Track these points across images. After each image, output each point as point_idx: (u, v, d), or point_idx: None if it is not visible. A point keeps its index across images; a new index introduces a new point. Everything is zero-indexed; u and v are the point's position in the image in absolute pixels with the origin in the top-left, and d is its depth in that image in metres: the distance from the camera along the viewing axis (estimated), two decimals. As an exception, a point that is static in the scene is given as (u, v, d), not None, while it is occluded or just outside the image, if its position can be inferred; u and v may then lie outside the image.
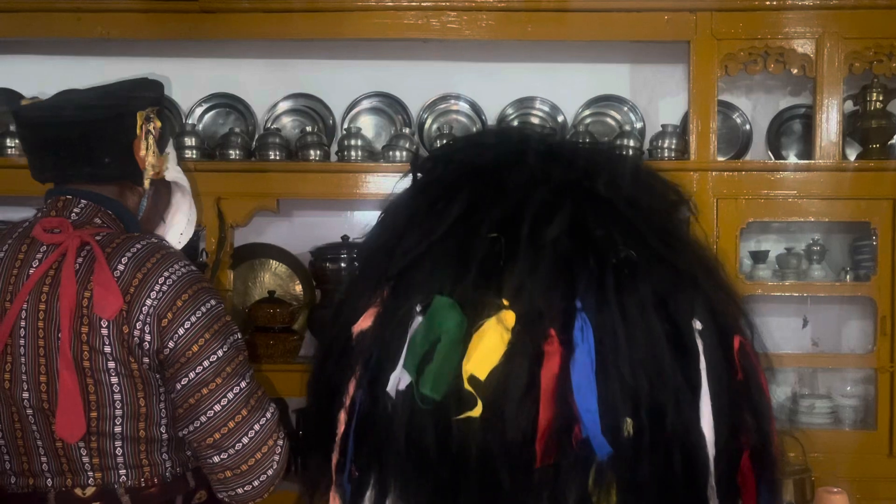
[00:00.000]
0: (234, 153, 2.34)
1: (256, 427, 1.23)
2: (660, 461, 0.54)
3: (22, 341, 1.23)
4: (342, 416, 0.59)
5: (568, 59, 2.54)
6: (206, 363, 1.22)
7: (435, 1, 2.26)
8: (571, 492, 0.53)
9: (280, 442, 1.25)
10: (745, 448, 0.58)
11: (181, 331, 1.22)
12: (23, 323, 1.23)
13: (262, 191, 2.31)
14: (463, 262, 0.57)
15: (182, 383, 1.22)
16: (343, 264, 2.36)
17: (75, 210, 1.32)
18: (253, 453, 1.22)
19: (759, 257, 2.42)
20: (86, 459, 1.24)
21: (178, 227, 1.47)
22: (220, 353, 1.23)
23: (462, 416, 0.53)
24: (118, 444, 1.24)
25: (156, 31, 2.32)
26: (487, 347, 0.54)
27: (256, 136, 2.45)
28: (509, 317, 0.54)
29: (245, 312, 2.40)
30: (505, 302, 0.55)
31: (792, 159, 2.47)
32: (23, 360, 1.23)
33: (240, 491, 1.23)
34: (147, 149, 1.34)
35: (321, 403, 0.63)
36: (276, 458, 1.24)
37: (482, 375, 0.53)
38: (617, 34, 2.30)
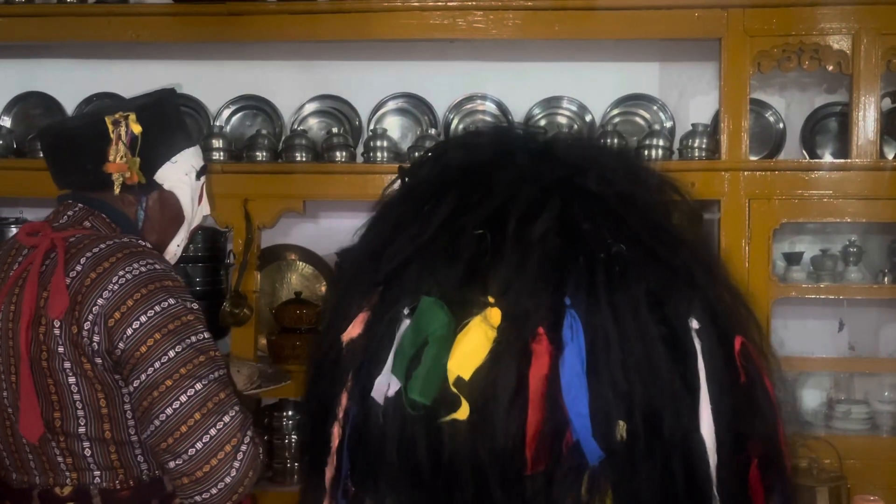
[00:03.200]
0: (260, 155, 2.35)
1: (212, 431, 1.17)
2: (657, 469, 0.52)
3: (0, 342, 1.26)
4: (335, 430, 0.58)
5: (596, 58, 2.51)
6: (157, 364, 1.17)
7: (461, 0, 2.24)
8: (565, 500, 0.51)
9: (243, 448, 1.18)
10: (752, 457, 0.56)
11: (129, 331, 1.19)
12: None
13: (288, 192, 2.31)
14: (450, 263, 0.55)
15: (135, 385, 1.19)
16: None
17: (69, 213, 1.34)
18: (208, 459, 1.16)
19: (792, 259, 2.37)
20: (60, 459, 1.25)
21: (177, 239, 1.44)
22: (171, 353, 1.18)
23: (448, 419, 0.52)
24: (86, 444, 1.23)
25: (184, 33, 2.34)
26: (471, 345, 0.52)
27: (283, 138, 2.46)
28: (495, 314, 0.53)
29: (272, 313, 2.41)
30: (491, 300, 0.53)
31: (827, 158, 2.41)
32: (0, 360, 1.26)
33: (198, 499, 1.17)
34: (115, 153, 1.32)
35: (316, 419, 0.61)
36: (237, 464, 1.17)
37: (466, 375, 0.52)
38: (646, 32, 2.27)
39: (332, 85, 2.57)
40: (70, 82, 2.54)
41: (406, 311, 0.55)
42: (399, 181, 0.66)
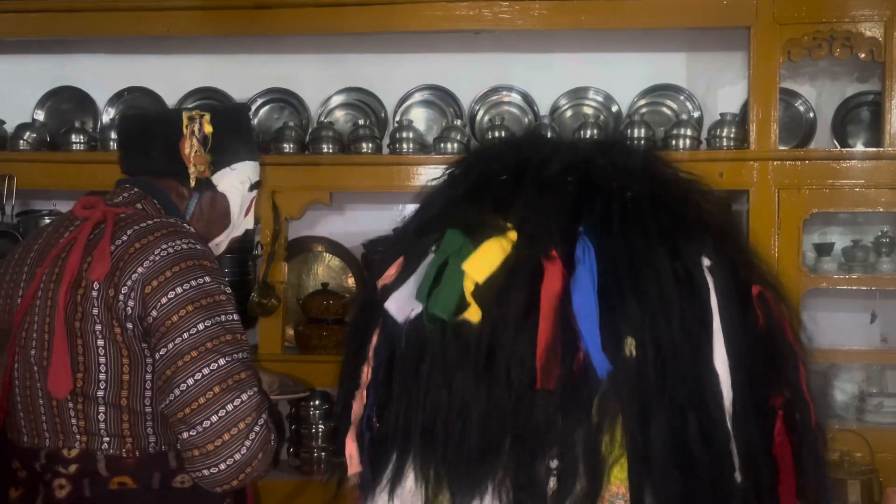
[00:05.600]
0: (288, 147, 2.37)
1: (229, 407, 1.18)
2: (666, 398, 0.52)
3: (38, 302, 1.31)
4: (365, 369, 0.60)
5: (623, 49, 2.49)
6: (185, 335, 1.21)
7: (487, -8, 2.24)
8: (575, 417, 0.52)
9: (256, 428, 1.20)
10: (777, 409, 0.55)
11: (164, 300, 1.22)
12: (41, 286, 1.32)
13: (315, 184, 2.33)
14: (475, 204, 0.59)
15: (161, 353, 1.23)
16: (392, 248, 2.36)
17: (124, 194, 1.40)
18: (221, 434, 1.18)
19: (823, 250, 2.34)
20: (73, 422, 1.28)
21: (217, 239, 1.51)
22: (200, 326, 1.22)
23: (460, 318, 0.53)
24: (101, 409, 1.27)
25: (214, 27, 2.37)
26: (486, 252, 0.54)
27: (310, 130, 2.47)
28: (511, 234, 0.55)
29: (299, 304, 2.43)
30: (509, 225, 0.56)
31: (859, 148, 2.37)
32: (36, 319, 1.31)
33: (205, 472, 1.19)
34: (190, 148, 1.39)
35: (351, 360, 0.64)
36: (248, 442, 1.19)
37: (480, 278, 0.54)
38: (673, 21, 2.25)
39: (359, 77, 2.58)
40: (102, 77, 2.58)
41: (433, 248, 0.57)
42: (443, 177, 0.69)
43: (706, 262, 0.56)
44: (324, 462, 2.31)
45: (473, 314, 0.53)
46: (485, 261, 0.54)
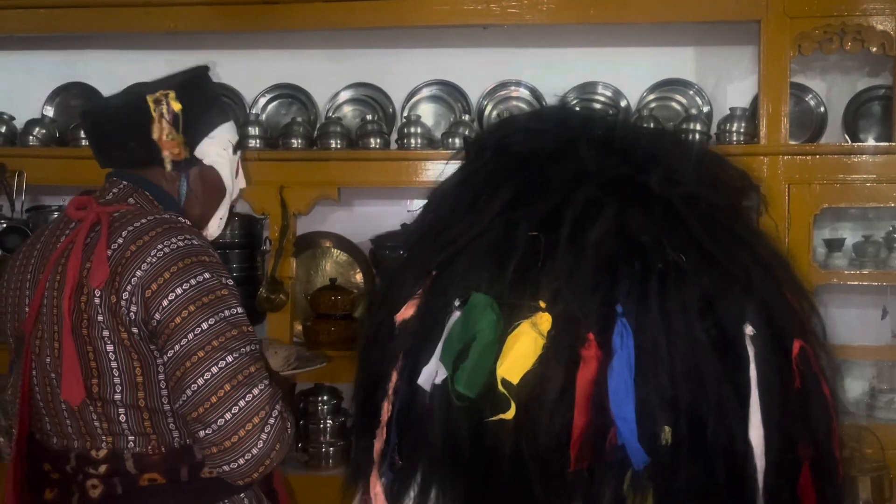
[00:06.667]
0: (296, 142, 2.37)
1: (241, 403, 1.20)
2: (701, 471, 0.52)
3: (45, 310, 1.31)
4: (385, 405, 0.59)
5: (631, 43, 2.48)
6: (190, 335, 1.21)
7: (495, -14, 2.24)
8: (605, 494, 0.52)
9: (271, 420, 1.21)
10: (803, 461, 0.55)
11: (165, 302, 1.22)
12: (45, 293, 1.31)
13: (323, 179, 2.33)
14: (501, 260, 0.55)
15: (168, 355, 1.23)
16: (403, 252, 2.36)
17: (114, 190, 1.38)
18: (236, 430, 1.19)
19: (833, 245, 2.32)
20: (96, 424, 1.29)
21: (219, 212, 1.48)
22: (204, 325, 1.21)
23: (495, 419, 0.52)
24: (121, 410, 1.27)
25: (221, 23, 2.37)
26: (521, 352, 0.53)
27: (318, 126, 2.47)
28: (545, 320, 0.53)
29: (307, 299, 2.43)
30: (542, 304, 0.53)
31: (870, 143, 2.35)
32: (45, 327, 1.31)
33: (226, 468, 1.20)
34: (160, 131, 1.35)
35: (367, 389, 0.63)
36: (264, 436, 1.20)
37: (515, 379, 0.52)
38: (682, 15, 2.23)
39: (366, 73, 2.58)
40: (109, 73, 2.58)
41: (457, 304, 0.55)
42: (461, 154, 0.66)
43: (749, 330, 0.54)
44: (331, 458, 2.32)
45: (510, 413, 0.52)
46: (520, 364, 0.52)
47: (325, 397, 2.36)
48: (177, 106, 1.35)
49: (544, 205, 0.57)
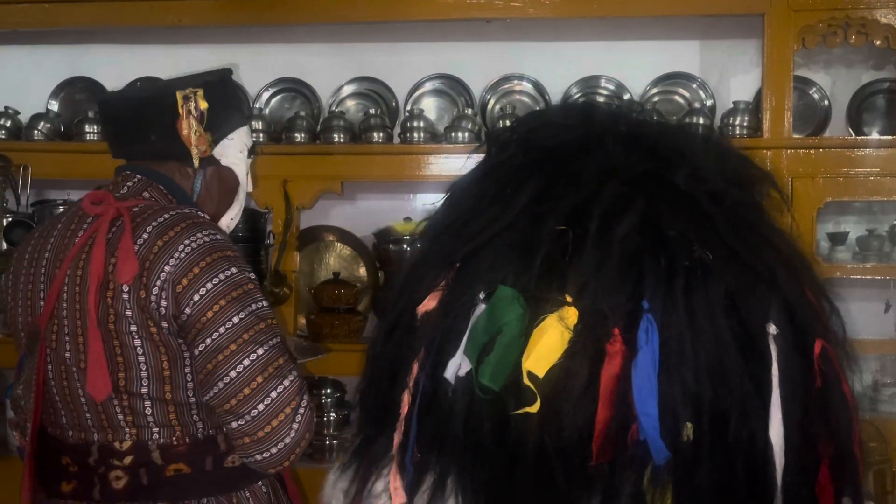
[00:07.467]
0: (299, 136, 2.37)
1: (273, 394, 1.22)
2: (721, 467, 0.52)
3: (65, 305, 1.31)
4: (405, 398, 0.59)
5: (634, 37, 2.48)
6: (221, 329, 1.24)
7: (498, -20, 2.23)
8: (625, 488, 0.52)
9: (301, 411, 1.24)
10: (822, 458, 0.56)
11: (196, 297, 1.24)
12: (65, 288, 1.31)
13: (326, 173, 2.34)
14: (528, 254, 0.55)
15: (199, 349, 1.25)
16: (406, 246, 2.36)
17: (128, 184, 1.39)
18: (269, 420, 1.22)
19: (837, 239, 2.32)
20: (120, 417, 1.30)
21: (231, 212, 1.50)
22: (235, 319, 1.24)
23: (520, 412, 0.53)
24: (147, 403, 1.29)
25: (225, 17, 2.37)
26: (547, 346, 0.53)
27: (321, 120, 2.48)
28: (571, 314, 0.53)
29: (311, 293, 2.44)
30: (568, 298, 0.53)
31: (874, 136, 2.35)
32: (65, 322, 1.31)
33: (258, 458, 1.24)
34: (189, 128, 1.37)
35: (382, 380, 0.63)
36: (295, 426, 1.23)
37: (541, 373, 0.53)
38: (686, 9, 2.23)
39: (370, 67, 2.58)
40: (114, 67, 2.60)
41: (482, 296, 0.55)
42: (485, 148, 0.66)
43: (772, 329, 0.55)
44: (334, 450, 2.33)
45: (535, 407, 0.52)
46: (546, 357, 0.53)
47: (329, 390, 2.37)
48: (204, 104, 1.37)
49: (572, 199, 0.57)
